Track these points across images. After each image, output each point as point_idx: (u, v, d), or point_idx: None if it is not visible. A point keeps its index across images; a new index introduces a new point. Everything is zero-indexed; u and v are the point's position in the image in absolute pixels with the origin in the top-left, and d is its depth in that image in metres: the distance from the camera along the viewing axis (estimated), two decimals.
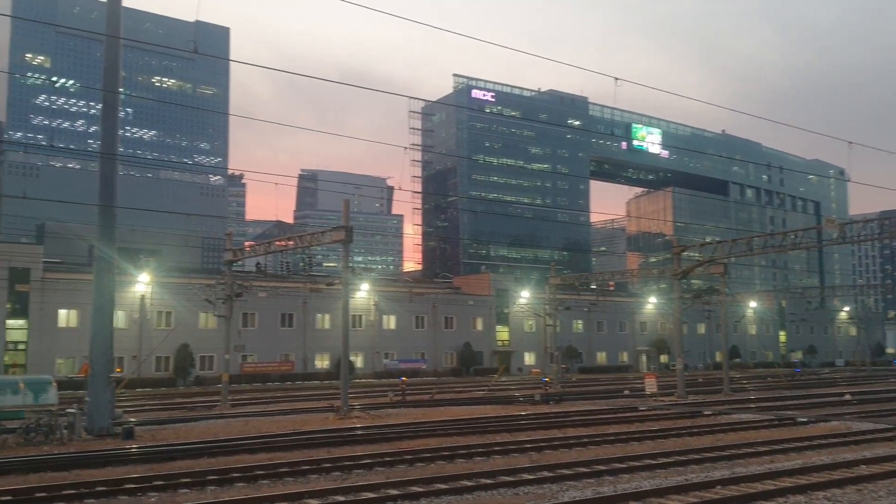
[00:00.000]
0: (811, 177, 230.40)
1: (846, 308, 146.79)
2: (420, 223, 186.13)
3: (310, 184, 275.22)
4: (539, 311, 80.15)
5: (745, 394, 56.87)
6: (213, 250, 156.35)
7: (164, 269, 78.70)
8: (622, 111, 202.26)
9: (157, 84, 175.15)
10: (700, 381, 73.98)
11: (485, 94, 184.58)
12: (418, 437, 30.11)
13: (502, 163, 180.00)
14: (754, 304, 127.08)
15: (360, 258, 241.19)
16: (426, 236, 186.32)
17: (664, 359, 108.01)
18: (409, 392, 53.76)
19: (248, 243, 77.96)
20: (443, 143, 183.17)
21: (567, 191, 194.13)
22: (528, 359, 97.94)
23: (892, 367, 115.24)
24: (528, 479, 20.40)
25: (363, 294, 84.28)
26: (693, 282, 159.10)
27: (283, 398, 55.28)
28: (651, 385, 51.25)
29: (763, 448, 25.66)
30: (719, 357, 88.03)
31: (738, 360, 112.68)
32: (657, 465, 22.59)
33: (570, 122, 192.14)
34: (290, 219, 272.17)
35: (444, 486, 19.47)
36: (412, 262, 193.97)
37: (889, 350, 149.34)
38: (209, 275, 79.67)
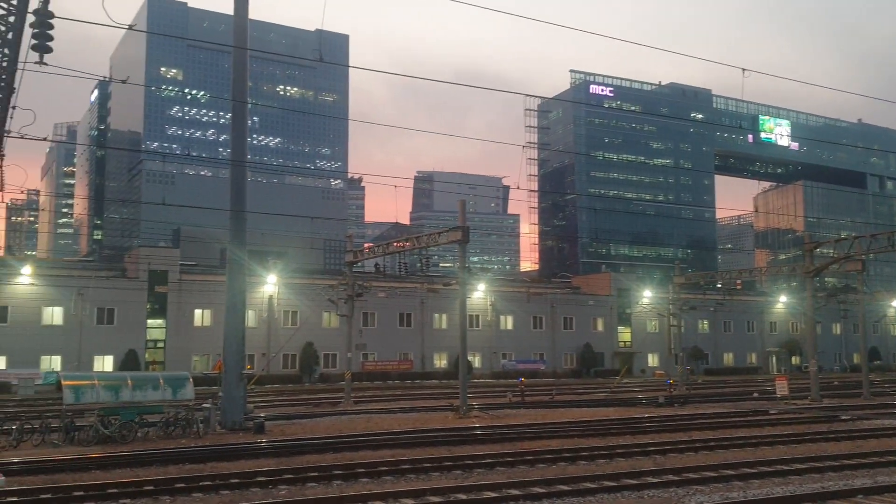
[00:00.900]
0: None
1: None
2: (537, 222, 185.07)
3: (426, 185, 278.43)
4: (662, 312, 78.31)
5: (886, 398, 53.65)
6: (335, 252, 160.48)
7: (290, 270, 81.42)
8: (748, 103, 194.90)
9: (282, 93, 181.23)
10: (836, 384, 70.57)
11: (603, 90, 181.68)
12: (539, 438, 29.98)
13: (622, 159, 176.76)
14: None
15: (477, 258, 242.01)
16: (543, 235, 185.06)
17: (796, 360, 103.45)
18: (528, 393, 53.61)
19: (367, 245, 79.77)
20: (560, 140, 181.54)
21: (690, 186, 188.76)
22: (652, 360, 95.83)
23: None
24: (653, 483, 20.01)
25: (480, 294, 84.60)
26: (827, 280, 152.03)
27: (403, 396, 56.21)
28: (782, 388, 49.32)
29: None
30: (857, 359, 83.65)
31: (878, 362, 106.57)
32: (791, 472, 21.70)
33: (693, 115, 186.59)
34: (406, 220, 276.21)
35: (566, 488, 19.33)
36: (529, 261, 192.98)
37: None
38: (331, 276, 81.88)
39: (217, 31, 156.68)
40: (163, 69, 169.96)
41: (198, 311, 72.02)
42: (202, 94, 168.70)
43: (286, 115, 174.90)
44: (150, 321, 70.68)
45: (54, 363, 64.52)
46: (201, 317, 72.14)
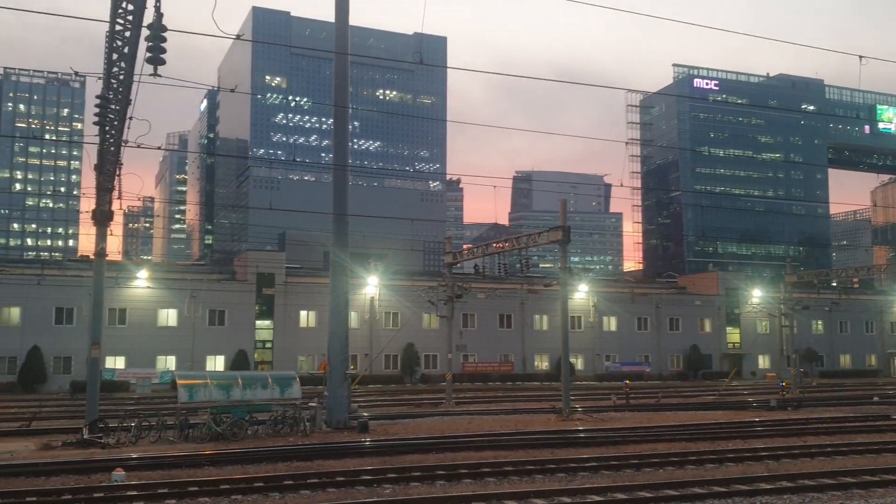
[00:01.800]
0: None
1: None
2: (640, 220, 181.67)
3: (525, 185, 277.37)
4: (774, 312, 75.52)
5: None
6: (434, 253, 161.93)
7: (391, 272, 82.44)
8: (864, 92, 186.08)
9: (381, 97, 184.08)
10: None
11: (707, 83, 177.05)
12: (645, 442, 29.40)
13: (729, 154, 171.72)
14: None
15: (578, 258, 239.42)
16: (647, 234, 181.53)
17: None
18: (632, 395, 52.67)
19: (466, 246, 79.90)
20: (663, 136, 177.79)
21: (802, 181, 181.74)
22: (762, 362, 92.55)
23: None
24: (766, 489, 19.33)
25: (582, 295, 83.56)
26: None
27: (504, 398, 56.04)
28: None
29: None
30: None
31: None
32: None
33: (804, 107, 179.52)
34: (506, 221, 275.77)
35: (673, 493, 18.89)
36: (633, 261, 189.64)
37: None
38: (431, 277, 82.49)
39: (318, 39, 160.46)
40: (267, 77, 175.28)
41: (303, 313, 73.81)
42: (305, 100, 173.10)
43: (385, 118, 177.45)
44: (258, 322, 72.85)
45: (169, 363, 67.36)
46: (306, 318, 73.89)
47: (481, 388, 68.71)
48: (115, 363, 64.75)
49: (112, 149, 28.52)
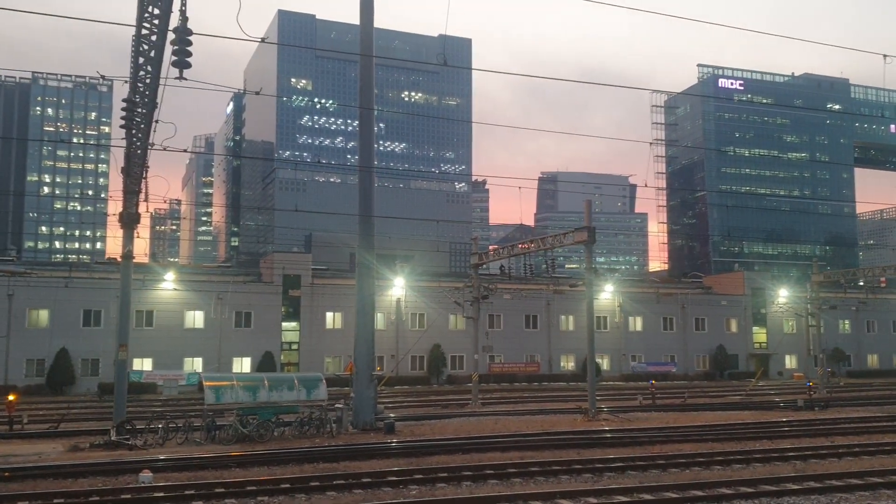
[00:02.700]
0: None
1: None
2: (665, 221, 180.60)
3: (550, 186, 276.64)
4: (800, 311, 74.80)
5: None
6: (460, 254, 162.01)
7: (417, 273, 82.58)
8: (890, 91, 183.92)
9: (406, 98, 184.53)
10: None
11: (732, 83, 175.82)
12: (671, 442, 29.25)
13: (754, 154, 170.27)
14: None
15: (603, 259, 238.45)
16: (672, 234, 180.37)
17: None
18: (658, 395, 52.38)
19: (492, 247, 79.91)
20: (688, 136, 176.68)
21: (828, 180, 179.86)
22: (789, 362, 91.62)
23: None
24: (793, 490, 19.19)
25: (607, 295, 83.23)
26: None
27: (530, 398, 55.97)
28: None
29: None
30: None
31: None
32: None
33: (830, 106, 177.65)
34: (531, 222, 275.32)
35: (700, 493, 18.81)
36: (658, 261, 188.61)
37: None
38: (457, 278, 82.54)
39: (344, 41, 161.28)
40: (293, 80, 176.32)
41: (329, 314, 74.10)
42: (331, 102, 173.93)
43: (411, 120, 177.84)
44: (284, 324, 73.24)
45: (196, 365, 67.89)
46: (333, 319, 74.18)
47: (507, 388, 68.64)
48: (143, 365, 65.39)
49: (139, 152, 28.85)
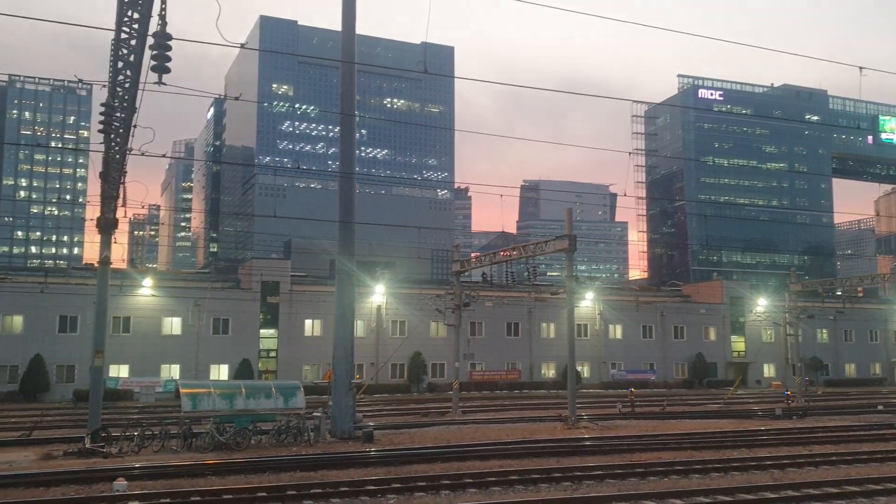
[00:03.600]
0: None
1: None
2: (645, 230, 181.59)
3: (532, 194, 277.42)
4: (778, 320, 75.34)
5: None
6: (442, 262, 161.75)
7: (398, 280, 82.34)
8: (867, 102, 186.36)
9: (389, 105, 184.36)
10: None
11: (712, 94, 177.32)
12: (650, 450, 29.30)
13: (733, 164, 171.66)
14: None
15: (584, 267, 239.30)
16: (652, 243, 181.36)
17: None
18: (638, 403, 52.52)
19: (474, 254, 79.89)
20: (668, 146, 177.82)
21: (806, 190, 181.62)
22: (768, 371, 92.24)
23: None
24: (771, 498, 19.26)
25: (588, 303, 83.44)
26: None
27: (511, 406, 55.95)
28: None
29: None
30: None
31: None
32: None
33: (808, 117, 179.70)
34: (513, 229, 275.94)
35: (678, 502, 18.83)
36: (638, 270, 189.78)
37: None
38: (439, 285, 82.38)
39: (326, 48, 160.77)
40: (274, 86, 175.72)
41: (308, 322, 73.69)
42: (312, 108, 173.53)
43: (393, 127, 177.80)
44: (262, 331, 72.77)
45: (173, 372, 67.30)
46: (312, 327, 73.80)
47: (488, 396, 68.58)
48: (119, 372, 64.76)
49: (117, 157, 28.58)
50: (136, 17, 21.70)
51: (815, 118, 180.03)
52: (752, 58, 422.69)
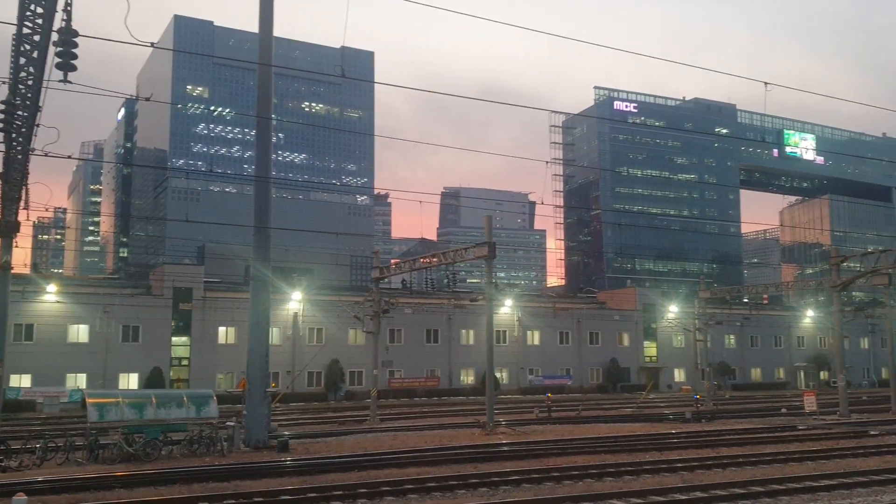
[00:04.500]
0: None
1: None
2: (563, 238, 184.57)
3: (452, 201, 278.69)
4: (688, 326, 77.56)
5: None
6: (361, 268, 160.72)
7: (316, 287, 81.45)
8: (773, 117, 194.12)
9: (307, 109, 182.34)
10: (864, 399, 69.43)
11: (627, 105, 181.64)
12: (565, 455, 29.67)
13: (647, 174, 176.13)
14: None
15: (503, 274, 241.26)
16: (569, 251, 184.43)
17: (824, 376, 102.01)
18: (554, 408, 53.20)
19: (393, 261, 79.62)
20: (585, 156, 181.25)
21: (716, 201, 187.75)
22: (678, 375, 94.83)
23: None
24: (681, 500, 19.70)
25: (507, 310, 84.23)
26: (854, 294, 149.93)
27: (430, 413, 55.92)
28: (810, 403, 48.47)
29: None
30: (885, 374, 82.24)
31: None
32: (819, 488, 21.34)
33: (718, 130, 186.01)
34: (433, 236, 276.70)
35: None
36: (555, 277, 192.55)
37: None
38: (357, 292, 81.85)
39: (242, 49, 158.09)
40: (189, 87, 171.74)
41: (222, 329, 72.12)
42: (227, 111, 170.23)
43: (311, 131, 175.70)
44: (174, 339, 70.87)
45: (80, 381, 64.78)
46: (225, 334, 72.26)
47: (407, 403, 68.38)
48: (21, 381, 62.04)
49: (19, 157, 27.42)
50: (39, 11, 20.82)
51: (725, 131, 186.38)
52: (666, 72, 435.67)
